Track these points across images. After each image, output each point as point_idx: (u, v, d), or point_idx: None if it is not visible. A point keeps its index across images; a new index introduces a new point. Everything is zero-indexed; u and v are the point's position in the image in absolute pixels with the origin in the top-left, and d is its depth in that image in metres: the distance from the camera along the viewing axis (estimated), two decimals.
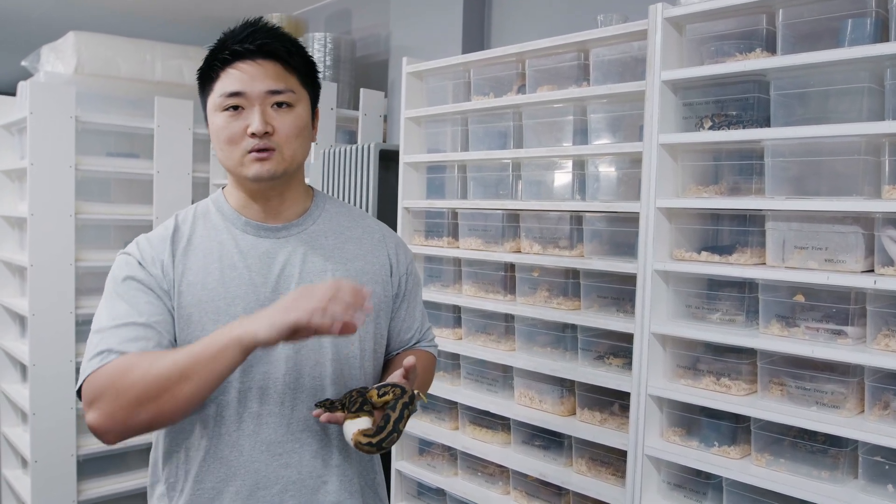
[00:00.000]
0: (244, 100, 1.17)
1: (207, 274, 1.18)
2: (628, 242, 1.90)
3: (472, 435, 2.30)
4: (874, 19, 1.45)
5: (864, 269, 1.45)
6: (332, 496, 1.23)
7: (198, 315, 1.16)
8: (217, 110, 1.19)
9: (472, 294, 2.29)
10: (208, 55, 1.21)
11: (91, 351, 1.11)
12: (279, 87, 1.18)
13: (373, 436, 1.07)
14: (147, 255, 1.19)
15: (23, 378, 3.17)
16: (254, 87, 1.16)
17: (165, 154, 3.24)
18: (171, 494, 1.20)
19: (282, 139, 1.18)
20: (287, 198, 1.25)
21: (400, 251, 1.37)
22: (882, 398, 1.44)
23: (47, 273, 2.91)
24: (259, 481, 1.18)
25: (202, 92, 1.24)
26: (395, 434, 1.07)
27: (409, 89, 2.48)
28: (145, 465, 3.26)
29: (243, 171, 1.19)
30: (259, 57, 1.17)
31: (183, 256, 1.19)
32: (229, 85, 1.17)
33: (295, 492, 1.20)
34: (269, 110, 1.17)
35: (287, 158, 1.20)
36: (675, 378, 1.75)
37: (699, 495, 1.70)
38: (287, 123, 1.19)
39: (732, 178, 1.68)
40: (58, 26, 3.79)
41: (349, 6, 3.67)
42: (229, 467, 1.18)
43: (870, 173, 1.46)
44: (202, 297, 1.17)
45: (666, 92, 1.70)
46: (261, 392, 1.18)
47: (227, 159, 1.20)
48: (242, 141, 1.17)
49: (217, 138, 1.20)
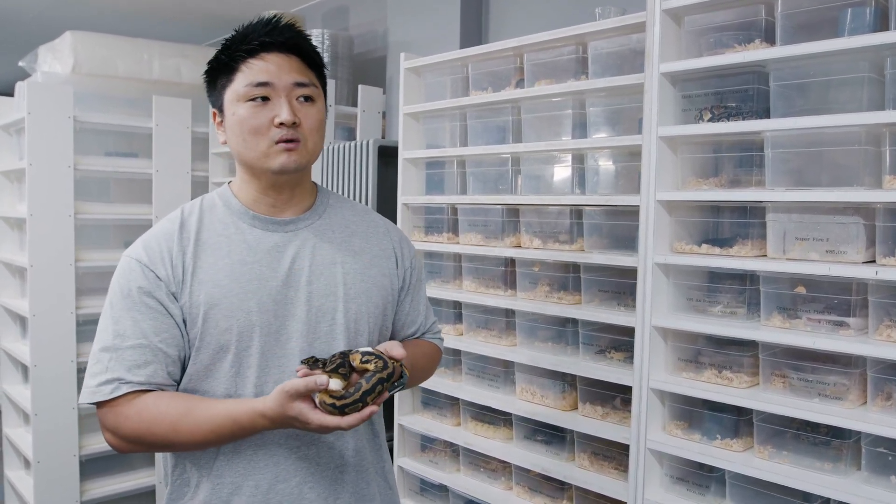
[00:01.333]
0: (272, 90, 1.17)
1: (218, 270, 1.18)
2: (628, 236, 1.89)
3: (474, 431, 2.30)
4: (874, 8, 1.44)
5: (866, 259, 1.45)
6: (349, 486, 1.25)
7: (212, 312, 1.16)
8: (240, 100, 1.18)
9: (473, 290, 2.29)
10: (226, 47, 1.20)
11: (99, 372, 1.13)
12: (304, 80, 1.19)
13: (338, 398, 1.06)
14: (154, 255, 1.17)
15: (24, 379, 3.17)
16: (282, 79, 1.17)
17: (164, 153, 3.23)
18: (186, 491, 1.21)
19: (307, 131, 1.19)
20: (297, 192, 1.26)
21: (404, 245, 1.38)
22: (884, 389, 1.44)
23: (47, 273, 2.91)
24: (279, 475, 1.19)
25: (215, 84, 1.22)
26: (360, 404, 1.06)
27: (407, 85, 2.47)
28: (148, 465, 3.27)
29: (268, 162, 1.18)
30: (286, 50, 1.19)
31: (192, 251, 1.19)
32: (257, 75, 1.17)
33: (314, 483, 1.21)
34: (294, 102, 1.18)
35: (310, 151, 1.21)
36: (676, 371, 1.74)
37: (702, 488, 1.70)
38: (311, 116, 1.20)
39: (732, 169, 1.68)
40: (55, 26, 3.80)
41: (346, 2, 3.66)
42: (248, 462, 1.19)
43: (870, 163, 1.45)
44: (214, 293, 1.16)
45: (665, 84, 1.69)
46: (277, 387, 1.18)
47: (250, 150, 1.18)
48: (269, 131, 1.17)
49: (240, 129, 1.18)
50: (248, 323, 1.16)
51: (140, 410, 1.11)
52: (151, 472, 3.26)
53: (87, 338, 3.01)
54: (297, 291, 1.20)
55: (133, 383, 1.12)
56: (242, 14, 3.79)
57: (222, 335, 1.15)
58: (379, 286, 1.29)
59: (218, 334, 1.15)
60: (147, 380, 1.13)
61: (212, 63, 1.22)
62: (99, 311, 1.21)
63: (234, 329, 1.16)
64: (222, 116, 1.22)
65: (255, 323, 1.16)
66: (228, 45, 1.20)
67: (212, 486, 1.19)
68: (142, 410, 1.11)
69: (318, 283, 1.22)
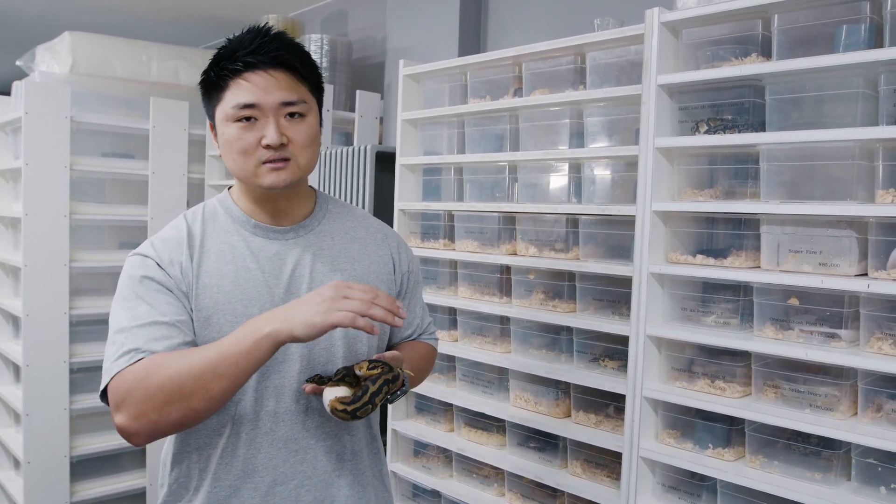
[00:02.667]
0: (258, 111, 1.16)
1: (222, 276, 1.19)
2: (624, 245, 1.91)
3: (468, 437, 2.31)
4: (868, 25, 1.46)
5: (858, 272, 1.47)
6: (346, 489, 1.26)
7: (216, 317, 1.17)
8: (228, 121, 1.17)
9: (468, 296, 2.30)
10: (214, 63, 1.19)
11: (115, 351, 1.10)
12: (293, 98, 1.18)
13: (348, 404, 1.10)
14: (164, 256, 1.18)
15: (16, 379, 3.15)
16: (267, 99, 1.15)
17: (161, 155, 3.23)
18: (183, 493, 1.21)
19: (297, 149, 1.19)
20: (294, 201, 1.27)
21: (402, 249, 1.40)
22: (875, 401, 1.46)
23: (42, 273, 2.90)
24: (277, 478, 1.20)
25: (208, 99, 1.23)
26: (369, 406, 1.11)
27: (405, 91, 2.48)
28: (139, 467, 3.25)
29: (258, 181, 1.19)
30: (272, 67, 1.16)
31: (199, 258, 1.19)
32: (242, 96, 1.15)
33: (311, 486, 1.22)
34: (282, 121, 1.17)
35: (301, 167, 1.20)
36: (669, 380, 1.76)
37: (694, 497, 1.71)
38: (301, 133, 1.19)
39: (728, 181, 1.70)
40: (53, 26, 3.79)
41: (345, 8, 3.67)
42: (247, 464, 1.19)
43: (863, 178, 1.47)
44: (219, 299, 1.17)
45: (662, 96, 1.71)
46: (277, 390, 1.20)
47: (240, 170, 1.19)
48: (256, 152, 1.17)
49: (230, 149, 1.18)
50: None
51: (147, 361, 1.06)
52: (142, 473, 3.25)
53: (81, 338, 3.01)
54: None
55: (150, 352, 1.08)
56: (241, 17, 3.80)
57: None
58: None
59: (222, 338, 1.16)
60: (165, 349, 1.09)
61: (203, 77, 1.22)
62: (92, 312, 1.21)
63: None
64: (216, 130, 1.23)
65: None
66: (217, 61, 1.19)
67: (209, 488, 1.19)
68: (148, 361, 1.06)
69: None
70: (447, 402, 2.35)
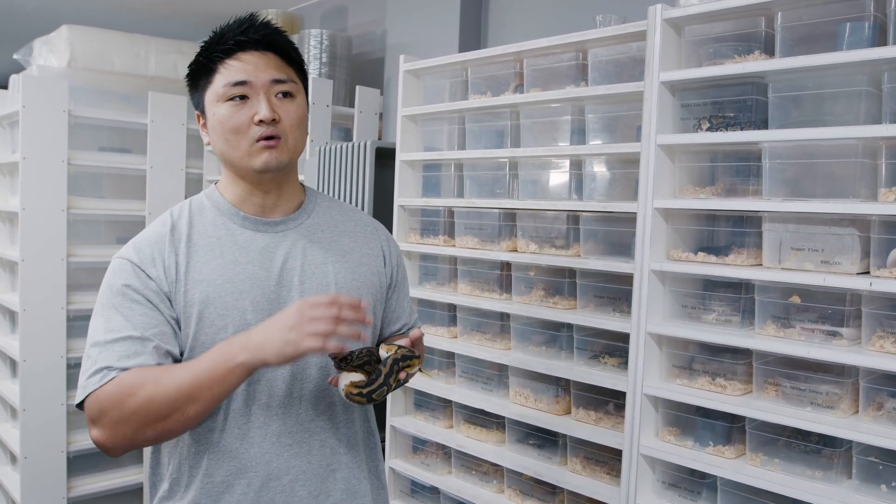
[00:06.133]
0: (250, 88, 1.18)
1: (211, 270, 1.18)
2: (625, 242, 1.91)
3: (467, 433, 2.31)
4: (872, 23, 1.46)
5: (860, 270, 1.47)
6: (341, 483, 1.26)
7: (207, 312, 1.16)
8: (220, 101, 1.19)
9: (468, 293, 2.29)
10: (204, 49, 1.21)
11: (89, 367, 1.11)
12: (283, 76, 1.20)
13: (363, 387, 1.13)
14: (146, 256, 1.17)
15: (13, 374, 3.14)
16: (259, 76, 1.18)
17: (158, 149, 3.22)
18: (176, 490, 1.20)
19: (287, 127, 1.20)
20: (284, 192, 1.27)
21: (391, 243, 1.41)
22: (876, 399, 1.46)
23: (39, 268, 2.89)
24: (271, 472, 1.19)
25: (196, 86, 1.24)
26: (384, 387, 1.14)
27: (405, 87, 2.47)
28: (136, 462, 3.25)
29: (250, 161, 1.19)
30: (262, 48, 1.20)
31: (184, 253, 1.19)
32: (235, 74, 1.18)
33: (305, 481, 1.22)
34: (273, 99, 1.19)
35: (291, 148, 1.21)
36: (670, 378, 1.75)
37: (694, 495, 1.71)
38: (291, 112, 1.21)
39: (729, 179, 1.69)
40: (51, 19, 3.77)
41: (345, 3, 3.66)
42: (240, 460, 1.18)
43: (866, 176, 1.47)
44: (209, 293, 1.17)
45: (664, 93, 1.71)
46: (269, 384, 1.19)
47: (232, 150, 1.19)
48: (249, 129, 1.18)
49: (221, 129, 1.19)
50: (244, 322, 1.16)
51: (121, 380, 1.07)
52: (139, 469, 3.24)
53: (78, 333, 2.99)
54: (290, 291, 1.21)
55: (121, 369, 1.09)
56: (239, 12, 3.77)
57: (217, 334, 1.16)
58: (369, 284, 1.31)
59: (213, 333, 1.16)
60: (137, 365, 1.10)
61: (191, 66, 1.24)
62: (89, 307, 1.21)
63: (230, 328, 1.16)
64: (205, 118, 1.23)
65: (251, 322, 1.16)
66: (206, 47, 1.22)
67: (202, 484, 1.18)
68: (123, 380, 1.07)
69: (310, 282, 1.23)
70: (446, 399, 2.35)
